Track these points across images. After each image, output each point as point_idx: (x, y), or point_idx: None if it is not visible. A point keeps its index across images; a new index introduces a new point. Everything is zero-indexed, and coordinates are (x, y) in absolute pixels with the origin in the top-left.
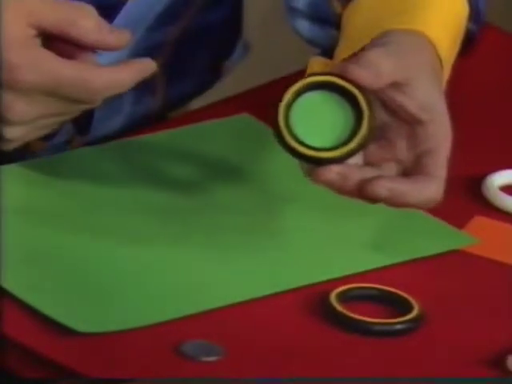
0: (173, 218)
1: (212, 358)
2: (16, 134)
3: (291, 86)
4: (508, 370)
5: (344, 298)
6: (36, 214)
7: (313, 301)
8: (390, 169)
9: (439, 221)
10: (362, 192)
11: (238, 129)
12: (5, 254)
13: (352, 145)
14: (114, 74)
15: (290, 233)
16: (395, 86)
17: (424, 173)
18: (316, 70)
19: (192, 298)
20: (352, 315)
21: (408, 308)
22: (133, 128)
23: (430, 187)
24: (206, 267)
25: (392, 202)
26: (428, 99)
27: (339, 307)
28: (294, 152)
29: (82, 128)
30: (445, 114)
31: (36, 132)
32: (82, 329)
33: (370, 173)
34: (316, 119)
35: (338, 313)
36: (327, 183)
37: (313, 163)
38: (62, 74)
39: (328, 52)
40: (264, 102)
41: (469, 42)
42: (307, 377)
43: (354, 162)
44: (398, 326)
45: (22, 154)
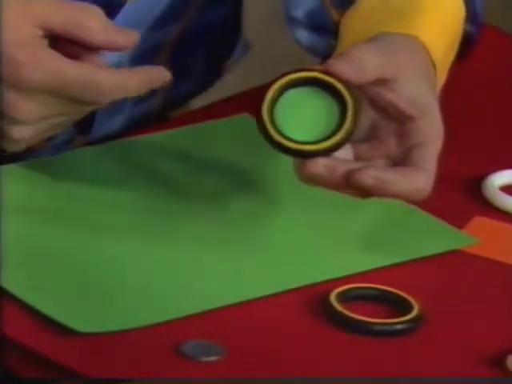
0: (173, 218)
1: (212, 358)
2: (23, 134)
3: (275, 81)
4: (508, 369)
5: (344, 297)
6: (36, 213)
7: (313, 301)
8: (379, 164)
9: (439, 221)
10: (349, 182)
11: (238, 129)
12: (5, 254)
13: (337, 137)
14: (123, 77)
15: (290, 233)
16: (383, 82)
17: (412, 164)
18: None
19: (192, 298)
20: (352, 315)
21: (408, 308)
22: (133, 128)
23: (420, 178)
24: (206, 267)
25: (380, 192)
26: (417, 95)
27: (339, 307)
28: (280, 146)
29: (84, 128)
30: (436, 112)
31: (43, 133)
32: (82, 329)
33: (358, 165)
34: (301, 114)
35: (337, 313)
36: (315, 177)
37: (299, 157)
38: (67, 74)
39: (327, 60)
40: None
41: (467, 45)
42: (307, 377)
43: (343, 159)
44: (398, 326)
45: (22, 153)
